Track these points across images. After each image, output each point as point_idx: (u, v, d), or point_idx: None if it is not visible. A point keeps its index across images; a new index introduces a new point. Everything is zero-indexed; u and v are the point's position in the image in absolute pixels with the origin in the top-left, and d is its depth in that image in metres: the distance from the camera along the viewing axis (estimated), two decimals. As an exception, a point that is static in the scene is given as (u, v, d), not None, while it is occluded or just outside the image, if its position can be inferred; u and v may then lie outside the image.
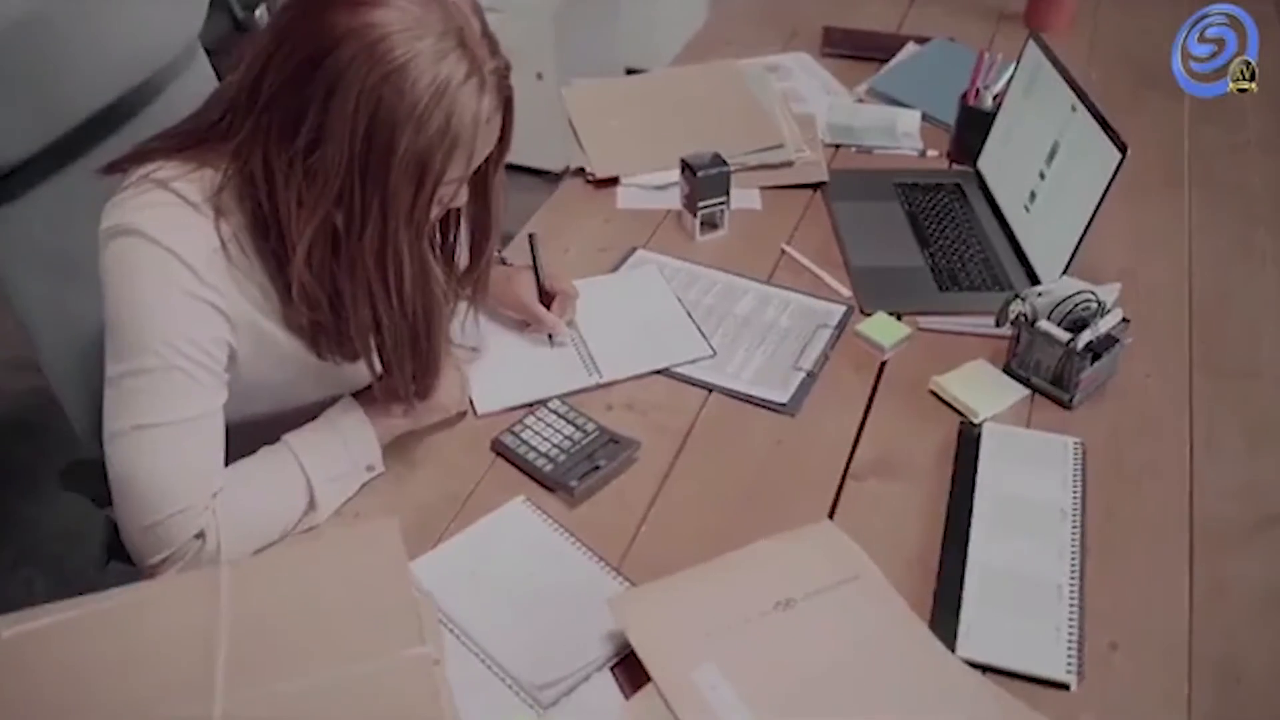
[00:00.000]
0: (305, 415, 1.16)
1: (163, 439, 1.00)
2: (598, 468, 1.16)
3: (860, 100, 1.89)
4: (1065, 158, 1.41)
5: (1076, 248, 1.34)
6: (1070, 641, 0.99)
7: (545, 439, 1.20)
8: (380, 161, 0.94)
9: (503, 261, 1.40)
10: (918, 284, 1.45)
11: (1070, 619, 1.01)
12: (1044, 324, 1.25)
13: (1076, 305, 1.24)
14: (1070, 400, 1.26)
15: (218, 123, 1.02)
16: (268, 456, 1.10)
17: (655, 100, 1.81)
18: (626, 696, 0.94)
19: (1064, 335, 1.23)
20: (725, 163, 1.50)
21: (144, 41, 1.35)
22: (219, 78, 1.51)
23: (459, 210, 1.15)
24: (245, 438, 1.10)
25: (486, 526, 1.10)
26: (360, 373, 1.14)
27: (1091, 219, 1.32)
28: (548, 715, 0.92)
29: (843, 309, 1.40)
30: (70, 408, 1.33)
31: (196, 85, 1.47)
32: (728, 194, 1.52)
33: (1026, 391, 1.28)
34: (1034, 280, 1.43)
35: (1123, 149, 1.28)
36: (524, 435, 1.20)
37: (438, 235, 1.18)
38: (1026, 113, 1.54)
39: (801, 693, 0.89)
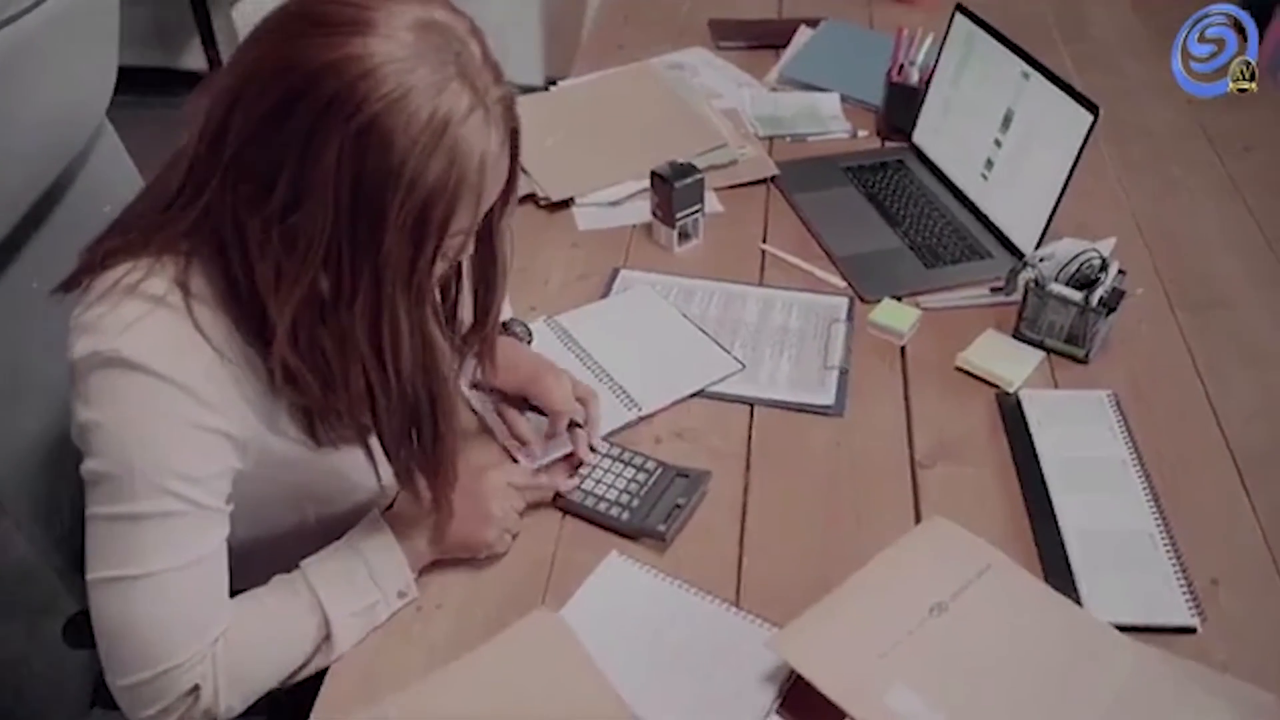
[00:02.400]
0: (321, 528, 1.06)
1: (154, 590, 0.88)
2: (679, 506, 1.11)
3: (774, 89, 1.90)
4: (1024, 124, 1.47)
5: (1054, 210, 1.40)
6: (1183, 586, 1.04)
7: (610, 485, 1.14)
8: (371, 219, 0.81)
9: (523, 335, 1.30)
10: (904, 265, 1.48)
11: (1173, 565, 1.06)
12: (1056, 287, 1.29)
13: (1082, 264, 1.30)
14: (1086, 356, 1.31)
15: (179, 193, 0.88)
16: (282, 591, 0.98)
17: (583, 113, 1.76)
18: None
19: (1077, 295, 1.28)
20: (696, 169, 1.47)
21: (64, 126, 1.19)
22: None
23: (460, 262, 1.05)
24: (258, 560, 0.98)
25: (592, 592, 1.03)
26: (368, 475, 1.05)
27: (1067, 181, 1.38)
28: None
29: (846, 301, 1.41)
30: (27, 529, 1.17)
31: (111, 159, 1.32)
32: (702, 201, 1.49)
33: (1042, 354, 1.32)
34: (1008, 246, 1.49)
35: (1094, 110, 1.34)
36: (586, 485, 1.14)
37: (437, 291, 1.09)
38: (966, 84, 1.59)
39: (992, 693, 0.89)
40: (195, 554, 0.90)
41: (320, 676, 0.98)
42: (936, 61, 1.64)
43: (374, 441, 0.97)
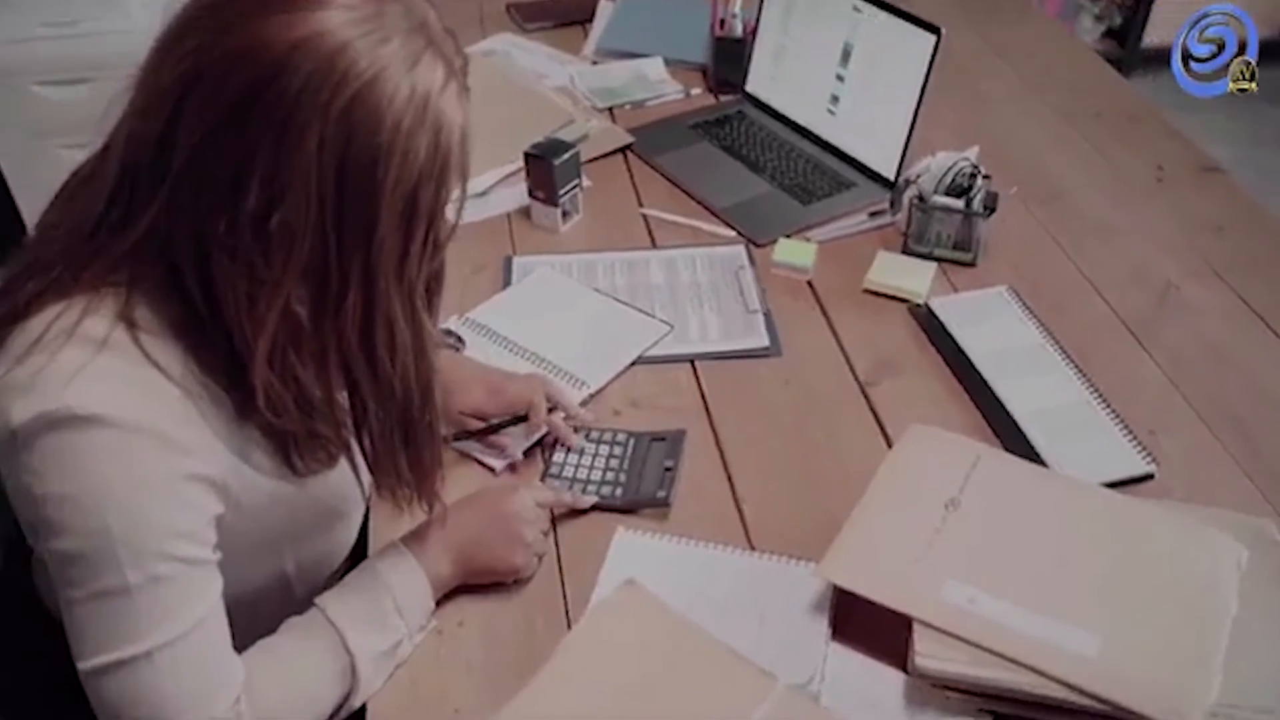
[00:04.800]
0: (300, 577, 0.98)
1: (163, 664, 0.78)
2: (669, 469, 1.10)
3: (595, 63, 1.89)
4: (864, 56, 1.54)
5: (910, 132, 1.48)
6: (1131, 441, 1.13)
7: (590, 468, 1.11)
8: (360, 208, 0.75)
9: (456, 345, 1.23)
10: (782, 206, 1.52)
11: (1116, 425, 1.15)
12: (938, 199, 1.37)
13: (957, 175, 1.38)
14: (974, 259, 1.40)
15: (106, 215, 0.78)
16: (300, 635, 0.90)
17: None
18: (864, 653, 0.93)
19: (959, 204, 1.37)
20: (569, 144, 1.45)
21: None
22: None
23: None
24: (244, 612, 0.89)
25: (615, 573, 1.00)
26: (350, 495, 0.98)
27: (919, 103, 1.46)
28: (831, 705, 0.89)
29: (742, 248, 1.44)
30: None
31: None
32: (580, 175, 1.47)
33: (934, 264, 1.40)
34: (868, 173, 1.56)
35: (935, 31, 1.42)
36: (566, 473, 1.11)
37: None
38: (795, 27, 1.65)
39: (1029, 563, 0.94)
40: (198, 614, 0.80)
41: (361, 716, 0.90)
42: (760, 11, 1.69)
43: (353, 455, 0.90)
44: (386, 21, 0.74)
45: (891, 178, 1.52)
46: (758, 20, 1.70)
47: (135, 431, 0.76)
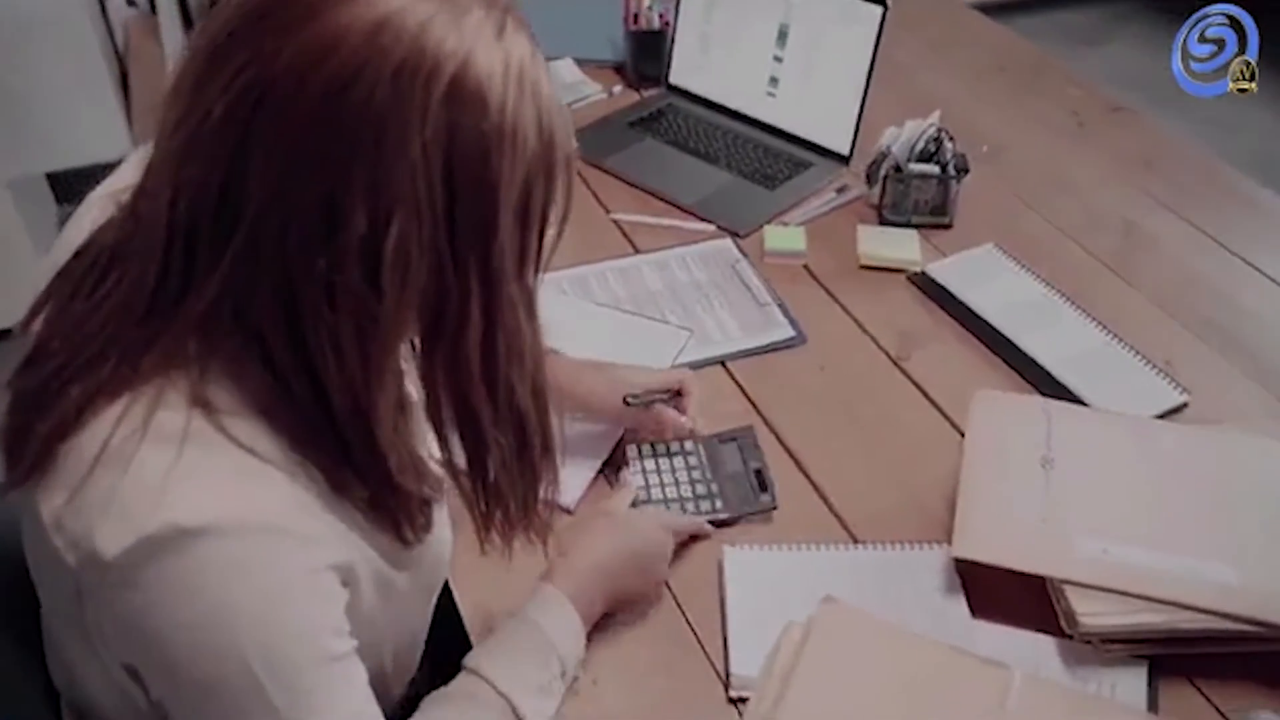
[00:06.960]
0: (395, 669, 0.89)
1: None
2: (759, 471, 1.07)
3: (503, 70, 1.82)
4: (804, 35, 1.54)
5: (862, 106, 1.50)
6: (1159, 374, 1.19)
7: (673, 484, 1.07)
8: (476, 209, 0.65)
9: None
10: (751, 195, 1.50)
11: (1140, 361, 1.21)
12: (915, 166, 1.39)
13: (926, 141, 1.40)
14: (951, 221, 1.43)
15: (160, 287, 0.66)
16: (472, 708, 0.83)
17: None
18: (1006, 624, 0.93)
19: (935, 169, 1.39)
20: (537, 159, 1.38)
21: None
22: None
23: None
24: None
25: (743, 593, 0.96)
26: (445, 559, 0.90)
27: (869, 77, 1.48)
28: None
29: (729, 240, 1.41)
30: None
31: None
32: (551, 189, 1.40)
33: (914, 231, 1.42)
34: (818, 150, 1.57)
35: (881, 2, 1.44)
36: (653, 494, 1.06)
37: None
38: (721, 14, 1.63)
39: (1140, 502, 0.97)
40: (356, 710, 0.72)
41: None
42: (678, 2, 1.67)
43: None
44: None
45: (846, 153, 1.53)
46: (676, 11, 1.68)
47: (250, 532, 0.65)
